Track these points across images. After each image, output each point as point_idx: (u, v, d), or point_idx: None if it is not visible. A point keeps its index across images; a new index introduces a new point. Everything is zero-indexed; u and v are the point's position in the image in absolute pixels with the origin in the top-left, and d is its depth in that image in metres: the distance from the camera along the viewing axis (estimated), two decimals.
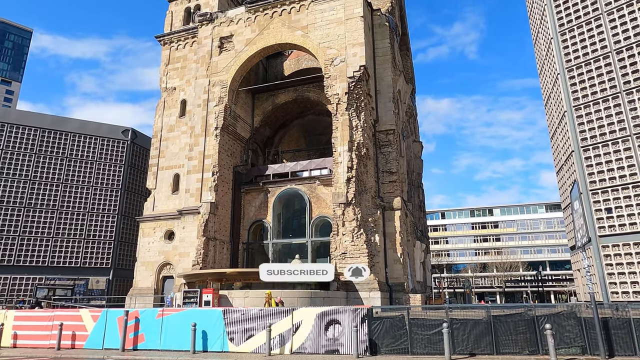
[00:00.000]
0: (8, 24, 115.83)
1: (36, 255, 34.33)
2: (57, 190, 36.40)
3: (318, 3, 26.14)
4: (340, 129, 23.44)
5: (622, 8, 21.95)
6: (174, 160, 29.99)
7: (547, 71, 27.43)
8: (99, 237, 36.61)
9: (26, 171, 35.90)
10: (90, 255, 35.93)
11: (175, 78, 31.50)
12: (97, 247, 36.26)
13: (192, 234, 25.76)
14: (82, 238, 36.02)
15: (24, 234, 34.40)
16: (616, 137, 21.00)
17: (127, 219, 38.28)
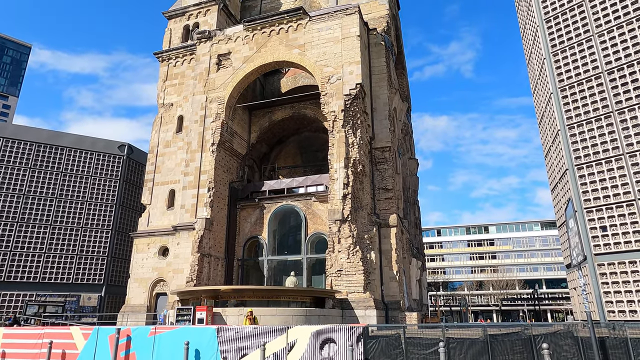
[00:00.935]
0: (7, 39, 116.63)
1: (27, 271, 33.83)
2: (50, 205, 36.14)
3: (315, 22, 26.55)
4: (337, 146, 23.55)
5: (612, 30, 22.46)
6: (170, 176, 29.92)
7: (540, 90, 27.86)
8: (92, 252, 36.19)
9: (20, 186, 35.70)
10: (83, 272, 35.45)
11: (173, 94, 31.69)
12: (89, 263, 35.82)
13: (187, 250, 25.53)
14: (74, 254, 35.58)
15: (15, 249, 33.96)
16: (609, 156, 21.21)
17: (121, 234, 37.95)
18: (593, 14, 23.37)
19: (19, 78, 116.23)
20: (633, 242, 19.68)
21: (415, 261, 34.06)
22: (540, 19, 25.59)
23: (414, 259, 33.53)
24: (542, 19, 25.42)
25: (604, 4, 23.07)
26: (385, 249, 24.40)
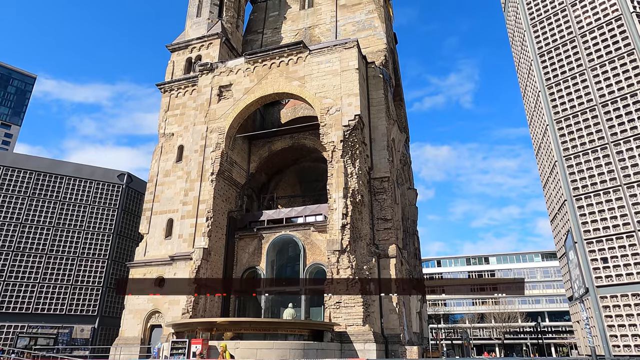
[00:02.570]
0: (12, 70, 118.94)
1: (20, 301, 33.17)
2: (47, 234, 35.85)
3: (315, 55, 27.22)
4: (336, 176, 23.65)
5: (605, 64, 23.02)
6: (169, 205, 29.86)
7: (536, 122, 28.27)
8: (86, 282, 35.61)
9: (17, 214, 35.53)
10: (77, 302, 34.75)
11: (174, 124, 32.07)
12: (83, 294, 35.18)
13: (183, 281, 25.15)
14: (69, 284, 35.00)
15: (9, 279, 33.43)
16: (607, 187, 21.30)
17: (118, 264, 37.48)
18: (585, 49, 24.03)
19: (22, 107, 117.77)
20: (635, 274, 19.47)
21: (415, 293, 33.51)
22: (534, 54, 26.28)
23: (413, 291, 33.00)
24: (536, 54, 26.11)
25: (595, 40, 23.76)
26: (384, 280, 24.08)
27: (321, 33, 35.60)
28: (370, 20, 34.15)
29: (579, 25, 24.77)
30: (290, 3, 38.50)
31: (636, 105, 21.35)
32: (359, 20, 34.63)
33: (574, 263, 21.81)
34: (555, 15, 26.26)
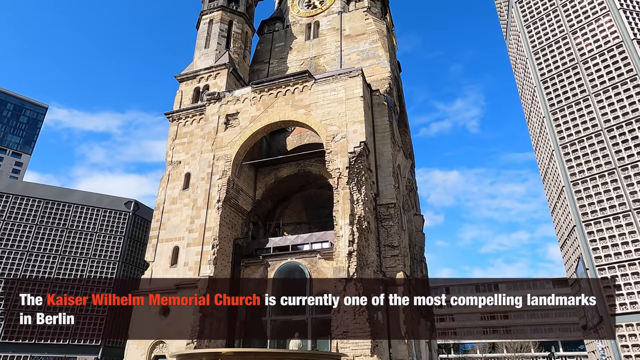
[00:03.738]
0: (25, 100, 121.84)
1: (23, 331, 32.87)
2: (53, 262, 35.85)
3: (320, 84, 27.69)
4: (342, 203, 23.62)
5: (608, 90, 23.18)
6: (175, 233, 29.86)
7: (542, 147, 28.26)
8: (90, 312, 35.30)
9: (25, 242, 35.69)
10: (80, 332, 34.39)
11: (181, 152, 32.45)
12: (88, 323, 34.83)
13: (188, 310, 24.83)
14: (73, 312, 34.65)
15: (14, 309, 33.22)
16: (617, 212, 21.06)
17: (122, 292, 37.16)
18: (588, 75, 24.30)
19: (33, 137, 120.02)
20: None
21: (423, 321, 32.80)
22: (537, 80, 26.58)
23: (422, 319, 32.31)
24: (539, 80, 26.41)
25: (597, 66, 24.05)
26: (392, 309, 23.61)
27: (326, 62, 36.34)
28: (374, 49, 34.86)
29: (580, 52, 25.12)
30: (295, 34, 39.52)
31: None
32: (363, 49, 35.37)
33: (587, 291, 21.33)
34: (557, 42, 26.71)
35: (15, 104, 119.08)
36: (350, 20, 37.74)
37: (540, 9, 29.41)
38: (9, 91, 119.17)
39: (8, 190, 36.67)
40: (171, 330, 25.79)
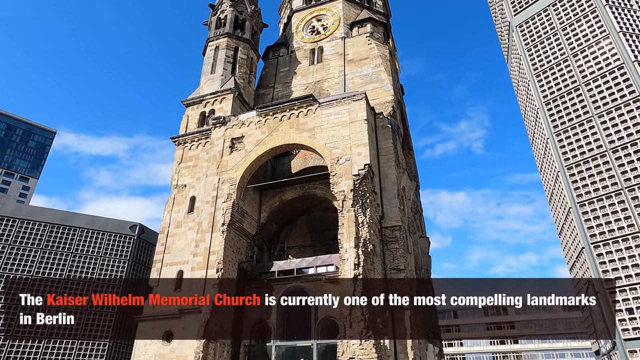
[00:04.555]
0: (34, 125, 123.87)
1: (26, 357, 32.47)
2: (57, 287, 35.65)
3: (324, 108, 28.01)
4: (346, 225, 23.52)
5: (611, 111, 23.26)
6: (179, 257, 29.73)
7: (547, 168, 28.18)
8: (93, 337, 34.90)
9: (30, 266, 35.61)
10: (83, 356, 33.90)
11: (187, 176, 32.63)
12: (89, 349, 34.35)
13: (192, 335, 24.50)
14: (75, 339, 34.33)
15: (16, 334, 32.93)
16: (625, 234, 20.80)
17: (125, 317, 36.83)
18: (590, 97, 24.43)
19: (41, 161, 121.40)
20: None
21: (431, 347, 32.09)
22: (539, 102, 26.76)
23: (430, 345, 31.61)
24: (542, 102, 26.58)
25: (599, 88, 24.22)
26: (399, 334, 23.17)
27: (330, 86, 36.85)
28: (378, 73, 35.37)
29: (582, 74, 25.34)
30: (300, 59, 40.24)
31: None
32: (366, 73, 35.89)
33: (598, 315, 20.89)
34: (558, 65, 27.00)
35: (24, 129, 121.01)
36: (353, 46, 38.45)
37: (541, 32, 29.86)
38: (18, 116, 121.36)
39: (14, 214, 36.88)
40: (174, 356, 25.36)
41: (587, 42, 26.40)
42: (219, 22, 38.87)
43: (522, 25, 31.71)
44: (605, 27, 26.32)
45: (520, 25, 31.86)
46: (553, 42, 28.47)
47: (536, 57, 28.56)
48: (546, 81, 27.15)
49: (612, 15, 26.35)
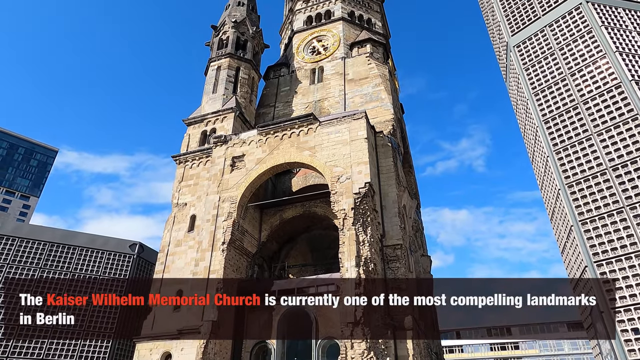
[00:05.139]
0: (36, 144, 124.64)
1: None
2: (54, 307, 35.21)
3: (325, 126, 28.19)
4: (347, 244, 23.38)
5: (610, 129, 23.39)
6: (179, 275, 29.46)
7: (547, 186, 28.18)
8: (90, 359, 34.32)
9: (27, 287, 35.24)
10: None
11: (187, 194, 32.64)
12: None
13: (191, 357, 24.12)
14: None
15: (12, 355, 32.42)
16: (629, 252, 20.65)
17: (124, 338, 36.33)
18: (589, 115, 24.61)
19: (42, 180, 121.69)
20: None
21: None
22: (538, 120, 26.93)
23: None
24: (541, 120, 26.75)
25: (598, 106, 24.41)
26: (401, 355, 22.76)
27: (330, 105, 37.18)
28: (377, 92, 35.73)
29: (580, 93, 25.58)
30: (300, 79, 40.72)
31: None
32: (366, 93, 36.26)
33: (603, 336, 20.58)
34: (556, 84, 27.27)
35: (26, 147, 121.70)
36: (353, 65, 38.95)
37: (538, 52, 30.29)
38: (20, 135, 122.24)
39: (14, 233, 36.78)
40: None
41: (585, 62, 26.74)
42: (221, 42, 39.51)
43: (520, 46, 32.18)
44: (601, 47, 26.70)
45: (518, 46, 32.34)
46: (551, 61, 28.83)
47: (534, 77, 28.89)
48: (545, 100, 27.39)
49: (607, 36, 26.78)
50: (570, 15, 29.96)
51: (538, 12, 32.92)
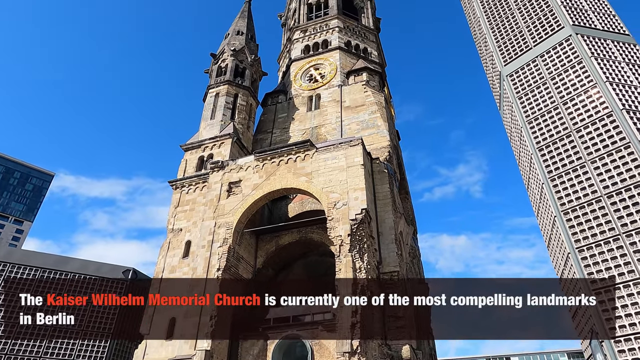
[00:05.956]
0: (31, 168, 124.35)
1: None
2: (43, 336, 34.40)
3: (322, 152, 28.39)
4: (344, 271, 23.16)
5: (604, 157, 23.68)
6: (172, 302, 28.90)
7: (543, 213, 28.26)
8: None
9: (16, 314, 34.46)
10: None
11: (183, 220, 32.45)
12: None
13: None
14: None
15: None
16: (627, 280, 20.56)
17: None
18: (582, 143, 24.96)
19: (37, 204, 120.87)
20: None
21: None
22: (533, 148, 27.27)
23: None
24: (535, 148, 27.09)
25: (590, 134, 24.80)
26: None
27: (327, 132, 37.55)
28: (374, 119, 36.19)
29: (572, 122, 26.03)
30: (298, 106, 41.27)
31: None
32: (362, 120, 36.72)
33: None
34: (549, 112, 27.78)
35: (22, 172, 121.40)
36: (350, 93, 39.58)
37: (530, 81, 30.97)
38: (16, 159, 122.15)
39: (6, 259, 36.19)
40: None
41: (576, 91, 27.32)
42: (219, 70, 40.19)
43: (513, 75, 32.91)
44: (592, 77, 27.34)
45: (511, 75, 33.07)
46: (543, 90, 29.44)
47: (527, 105, 29.44)
48: (538, 128, 27.83)
49: (597, 66, 27.49)
50: (560, 46, 30.82)
51: (529, 43, 33.86)
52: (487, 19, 39.98)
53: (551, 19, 32.21)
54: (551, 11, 33.39)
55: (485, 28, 39.76)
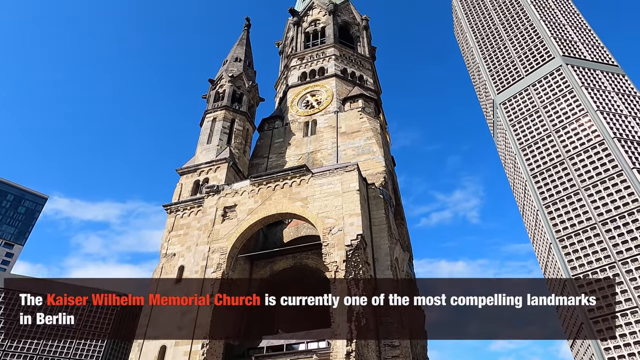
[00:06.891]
0: (25, 191, 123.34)
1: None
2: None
3: (317, 178, 28.43)
4: (339, 298, 22.79)
5: (597, 184, 23.92)
6: (163, 330, 28.22)
7: (539, 240, 28.24)
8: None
9: (2, 340, 33.56)
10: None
11: (177, 244, 32.05)
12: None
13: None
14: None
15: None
16: (624, 309, 20.39)
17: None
18: (575, 171, 25.23)
19: (28, 227, 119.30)
20: None
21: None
22: (527, 175, 27.51)
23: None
24: (529, 175, 27.33)
25: (583, 162, 25.10)
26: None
27: (323, 157, 37.72)
28: (369, 145, 36.47)
29: (565, 149, 26.37)
30: (294, 131, 41.60)
31: (635, 223, 21.57)
32: (358, 145, 36.99)
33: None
34: (542, 140, 28.18)
35: (15, 194, 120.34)
36: (345, 119, 40.02)
37: (523, 109, 31.52)
38: (10, 182, 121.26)
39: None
40: None
41: (568, 119, 27.81)
42: (217, 95, 40.64)
43: (506, 103, 33.51)
44: (583, 106, 27.89)
45: (504, 103, 33.67)
46: (536, 118, 29.94)
47: (520, 133, 29.88)
48: (532, 155, 28.16)
49: (588, 95, 28.08)
50: (552, 75, 31.54)
51: (521, 72, 34.64)
52: (479, 48, 40.99)
53: (542, 50, 33.09)
54: (542, 42, 34.33)
55: (478, 57, 40.70)
